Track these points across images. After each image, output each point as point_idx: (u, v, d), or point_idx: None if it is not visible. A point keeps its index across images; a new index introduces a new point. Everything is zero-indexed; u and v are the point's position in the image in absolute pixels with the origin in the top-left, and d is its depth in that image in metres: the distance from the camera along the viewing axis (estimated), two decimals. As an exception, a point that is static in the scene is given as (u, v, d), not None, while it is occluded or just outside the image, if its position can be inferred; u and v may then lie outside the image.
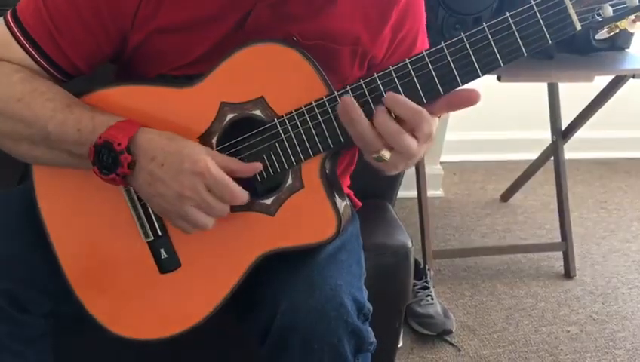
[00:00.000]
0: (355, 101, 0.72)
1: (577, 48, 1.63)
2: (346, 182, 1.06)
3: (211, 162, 0.76)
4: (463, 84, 0.73)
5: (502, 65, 0.71)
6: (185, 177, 0.75)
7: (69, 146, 0.79)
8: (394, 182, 1.33)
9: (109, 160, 0.75)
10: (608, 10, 0.67)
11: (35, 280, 0.84)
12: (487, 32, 0.70)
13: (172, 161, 0.75)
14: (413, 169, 1.75)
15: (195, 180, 0.75)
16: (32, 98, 0.79)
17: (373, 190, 1.28)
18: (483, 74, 0.72)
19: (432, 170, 2.17)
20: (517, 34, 0.70)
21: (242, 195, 0.78)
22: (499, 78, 1.51)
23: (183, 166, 0.75)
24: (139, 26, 0.81)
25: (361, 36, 0.85)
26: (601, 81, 1.73)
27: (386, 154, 0.73)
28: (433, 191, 2.20)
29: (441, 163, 2.28)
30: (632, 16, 0.67)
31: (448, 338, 1.57)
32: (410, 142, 0.72)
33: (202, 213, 0.77)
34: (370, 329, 0.85)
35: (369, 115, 0.73)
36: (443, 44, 0.72)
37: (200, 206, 0.76)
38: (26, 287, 0.84)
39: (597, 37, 0.69)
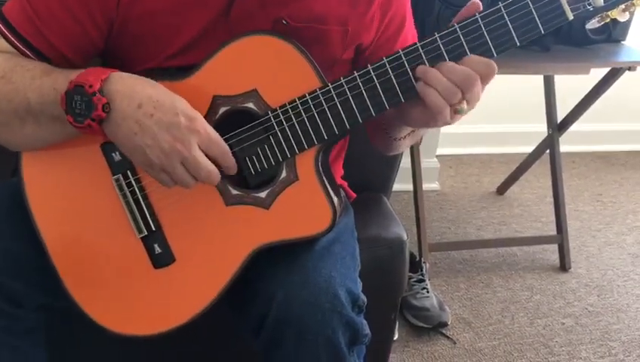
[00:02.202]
0: (426, 66, 0.73)
1: (573, 40, 1.63)
2: (340, 171, 1.06)
3: (205, 122, 0.75)
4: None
5: (495, 55, 0.71)
6: (179, 131, 0.73)
7: (49, 109, 0.77)
8: (389, 174, 1.32)
9: (82, 105, 0.73)
10: (599, 0, 0.67)
11: (27, 274, 0.84)
12: (480, 22, 0.70)
13: (165, 113, 0.73)
14: (409, 162, 1.75)
15: (191, 136, 0.74)
16: (13, 73, 0.78)
17: (369, 182, 1.27)
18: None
19: (428, 163, 2.17)
20: (510, 24, 0.70)
21: (231, 159, 0.77)
22: (495, 71, 1.50)
23: (179, 120, 0.73)
24: (123, 10, 0.80)
25: (349, 16, 0.85)
26: (597, 73, 1.73)
27: (464, 103, 0.74)
28: (429, 185, 2.20)
29: (438, 156, 2.28)
30: (622, 5, 0.67)
31: (444, 331, 1.57)
32: (479, 84, 0.73)
33: (187, 171, 0.75)
34: (364, 321, 0.84)
35: (359, 104, 0.75)
36: (436, 35, 0.72)
37: (188, 162, 0.74)
38: (19, 281, 0.83)
39: (587, 26, 0.70)
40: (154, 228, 0.83)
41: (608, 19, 0.70)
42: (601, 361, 1.52)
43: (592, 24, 0.71)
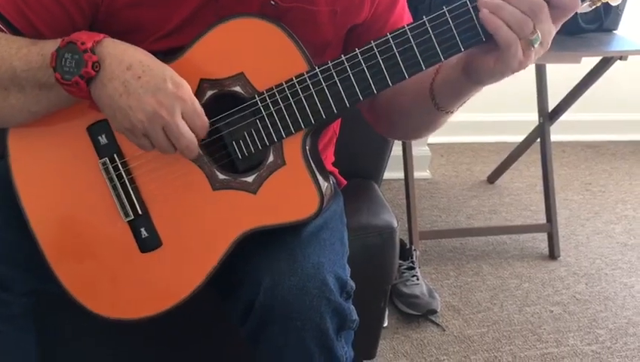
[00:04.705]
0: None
1: (565, 29, 1.61)
2: (330, 157, 1.05)
3: (191, 92, 0.75)
4: (445, 58, 0.73)
5: (484, 39, 0.71)
6: (164, 96, 0.73)
7: (36, 76, 0.76)
8: (380, 161, 1.33)
9: (72, 62, 0.73)
10: (590, -18, 0.67)
11: (16, 258, 0.84)
12: (469, 5, 0.70)
13: (153, 76, 0.73)
14: (400, 150, 1.75)
15: (175, 102, 0.73)
16: None
17: (360, 169, 1.27)
18: (465, 48, 0.72)
19: (419, 151, 2.17)
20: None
21: (204, 134, 0.77)
22: (486, 59, 1.50)
23: (166, 85, 0.73)
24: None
25: None
26: (589, 62, 1.73)
27: (539, 35, 0.69)
28: (420, 173, 2.20)
29: (429, 144, 2.28)
30: (614, -12, 0.67)
31: (433, 318, 1.58)
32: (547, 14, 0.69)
33: (167, 138, 0.75)
34: (352, 307, 0.85)
35: (347, 88, 0.74)
36: (425, 19, 0.71)
37: (169, 129, 0.74)
38: (7, 265, 0.83)
39: (578, 10, 0.69)
40: (140, 212, 0.82)
41: (599, 3, 0.70)
42: (589, 348, 1.54)
43: (584, 8, 0.71)
